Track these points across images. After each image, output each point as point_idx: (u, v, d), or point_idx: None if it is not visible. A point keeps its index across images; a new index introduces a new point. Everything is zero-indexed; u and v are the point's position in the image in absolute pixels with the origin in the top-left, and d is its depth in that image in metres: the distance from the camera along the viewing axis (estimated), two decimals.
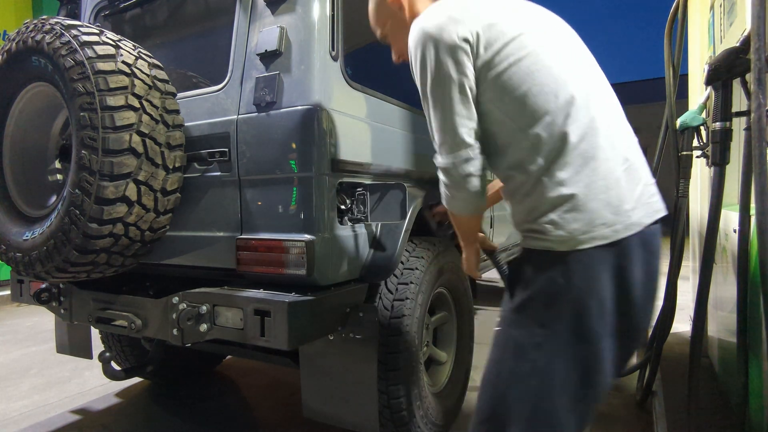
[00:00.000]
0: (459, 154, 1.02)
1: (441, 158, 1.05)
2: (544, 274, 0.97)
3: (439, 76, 1.00)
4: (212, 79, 1.77)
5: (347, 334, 1.67)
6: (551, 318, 0.96)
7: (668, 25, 2.32)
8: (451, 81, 1.00)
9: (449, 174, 1.04)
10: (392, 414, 1.81)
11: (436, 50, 0.99)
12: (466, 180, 1.03)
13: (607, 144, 0.97)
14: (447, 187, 1.07)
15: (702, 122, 1.99)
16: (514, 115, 0.99)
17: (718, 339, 2.22)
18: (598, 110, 0.99)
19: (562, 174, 0.95)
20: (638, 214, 0.96)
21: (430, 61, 1.00)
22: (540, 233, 0.97)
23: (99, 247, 1.53)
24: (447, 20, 1.00)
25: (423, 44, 1.01)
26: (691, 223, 2.95)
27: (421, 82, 1.04)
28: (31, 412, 2.51)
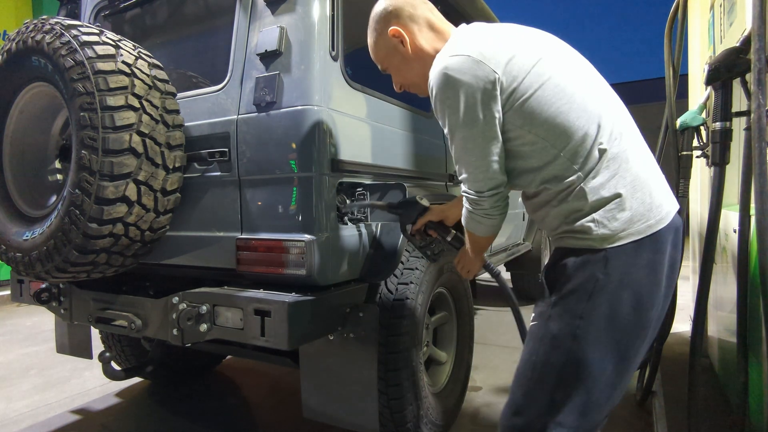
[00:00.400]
0: (491, 190, 1.10)
1: (471, 192, 1.12)
2: (585, 270, 1.04)
3: (469, 118, 1.04)
4: (212, 79, 1.77)
5: (347, 334, 1.67)
6: (589, 310, 1.02)
7: (668, 25, 2.32)
8: (480, 123, 1.04)
9: (479, 205, 1.13)
10: (392, 414, 1.81)
11: (465, 94, 1.03)
12: (496, 210, 1.13)
13: (630, 146, 1.07)
14: (473, 215, 1.16)
15: (702, 122, 1.99)
16: (546, 135, 1.05)
17: (718, 339, 2.22)
18: (616, 116, 1.09)
19: (599, 179, 1.03)
20: (666, 207, 1.08)
21: (458, 103, 1.03)
22: (582, 233, 1.04)
23: (99, 247, 1.53)
24: (471, 63, 1.02)
25: (449, 87, 1.04)
26: (691, 223, 2.95)
27: (449, 123, 1.07)
28: (31, 412, 2.51)
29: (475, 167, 1.08)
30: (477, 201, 1.13)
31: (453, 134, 1.08)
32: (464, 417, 2.32)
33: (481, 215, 1.15)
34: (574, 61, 1.13)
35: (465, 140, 1.07)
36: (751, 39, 1.40)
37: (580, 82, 1.08)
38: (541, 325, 1.09)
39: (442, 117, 1.09)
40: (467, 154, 1.08)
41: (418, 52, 1.23)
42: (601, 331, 1.03)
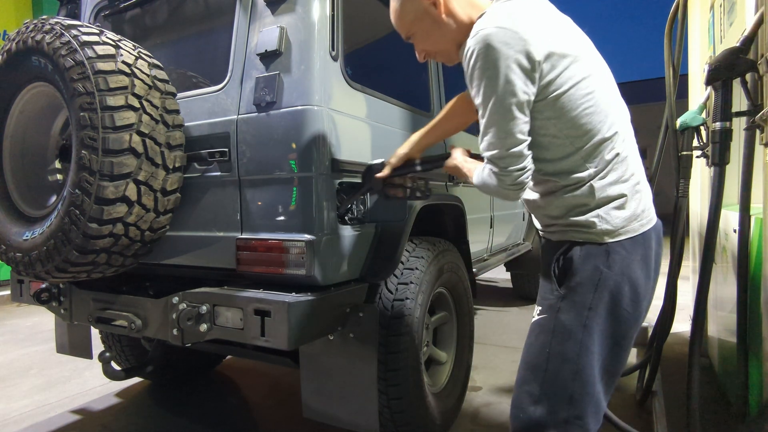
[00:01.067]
0: (516, 165, 1.07)
1: (495, 164, 1.09)
2: (589, 263, 1.09)
3: (506, 90, 1.02)
4: (212, 79, 1.77)
5: (347, 334, 1.67)
6: (597, 300, 1.08)
7: (668, 25, 2.32)
8: (515, 97, 1.03)
9: (500, 178, 1.09)
10: (392, 414, 1.81)
11: (507, 66, 1.01)
12: (516, 186, 1.09)
13: (632, 150, 1.14)
14: (488, 184, 1.14)
15: (702, 122, 1.99)
16: (569, 133, 1.08)
17: (718, 339, 2.22)
18: (626, 121, 1.16)
19: (608, 180, 1.09)
20: (652, 210, 1.17)
21: (498, 73, 1.02)
22: (586, 227, 1.10)
23: (99, 247, 1.53)
24: (518, 40, 1.01)
25: (491, 56, 1.02)
26: (691, 223, 2.95)
27: (484, 91, 1.05)
28: (31, 412, 2.51)
29: (503, 140, 1.06)
30: (499, 175, 1.09)
31: (487, 103, 1.05)
32: (464, 417, 2.32)
33: (499, 186, 1.11)
34: (601, 63, 1.17)
35: (496, 111, 1.04)
36: (752, 38, 1.40)
37: (605, 87, 1.13)
38: (552, 318, 1.12)
39: (477, 85, 1.06)
40: (497, 124, 1.05)
41: (452, 16, 1.18)
42: (606, 321, 1.09)
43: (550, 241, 1.19)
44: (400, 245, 1.81)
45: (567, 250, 1.13)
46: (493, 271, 4.29)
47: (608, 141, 1.09)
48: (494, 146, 1.07)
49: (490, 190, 1.15)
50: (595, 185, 1.09)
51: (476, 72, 1.05)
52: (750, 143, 1.49)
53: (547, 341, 1.11)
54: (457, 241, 2.39)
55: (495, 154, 1.08)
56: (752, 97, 1.48)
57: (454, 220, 2.43)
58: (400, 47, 2.42)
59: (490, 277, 6.12)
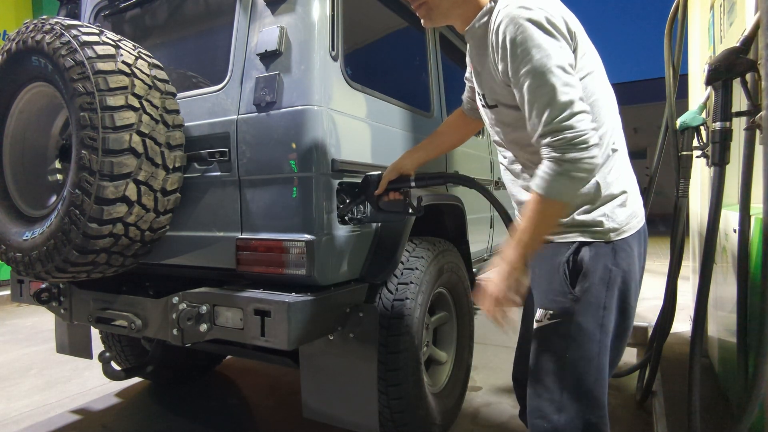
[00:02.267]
0: (583, 122, 0.97)
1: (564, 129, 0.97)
2: (599, 262, 1.11)
3: (552, 54, 0.98)
4: (212, 79, 1.77)
5: (347, 334, 1.67)
6: (609, 299, 1.11)
7: (668, 25, 2.32)
8: (564, 60, 0.99)
9: (574, 146, 0.96)
10: (392, 414, 1.81)
11: (550, 33, 0.99)
12: (593, 151, 0.97)
13: (624, 148, 1.18)
14: (567, 163, 0.97)
15: (702, 122, 1.99)
16: None
17: (718, 339, 2.21)
18: (618, 118, 1.19)
19: (610, 176, 1.12)
20: (643, 208, 1.20)
21: (542, 40, 0.98)
22: (593, 226, 1.11)
23: (99, 247, 1.53)
24: (553, 11, 1.02)
25: (531, 26, 0.99)
26: (691, 223, 2.95)
27: (527, 61, 0.99)
28: (31, 412, 2.51)
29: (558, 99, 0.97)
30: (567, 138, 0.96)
31: (542, 68, 0.98)
32: (464, 417, 2.32)
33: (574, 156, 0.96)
34: (600, 61, 1.18)
35: (545, 75, 0.98)
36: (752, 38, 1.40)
37: (606, 85, 1.16)
38: (568, 322, 1.11)
39: (518, 57, 1.00)
40: (548, 88, 0.98)
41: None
42: (617, 318, 1.12)
43: (554, 243, 1.17)
44: (400, 245, 1.81)
45: (576, 251, 1.13)
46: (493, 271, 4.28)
47: (610, 136, 1.12)
48: (555, 102, 0.97)
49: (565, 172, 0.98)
50: (601, 181, 1.10)
51: (519, 42, 0.99)
52: (750, 143, 1.49)
53: (565, 346, 1.11)
54: (457, 241, 2.39)
55: (556, 113, 0.97)
56: (752, 97, 1.48)
57: (454, 220, 2.43)
58: (400, 47, 2.43)
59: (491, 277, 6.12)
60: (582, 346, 1.10)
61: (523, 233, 1.05)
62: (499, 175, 3.28)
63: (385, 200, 1.58)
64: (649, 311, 3.70)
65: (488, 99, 1.21)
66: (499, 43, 1.04)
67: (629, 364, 2.77)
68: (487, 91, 1.21)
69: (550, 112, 0.98)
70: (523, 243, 1.05)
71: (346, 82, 1.71)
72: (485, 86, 1.21)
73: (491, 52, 1.10)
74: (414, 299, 1.85)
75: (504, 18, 1.02)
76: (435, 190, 2.26)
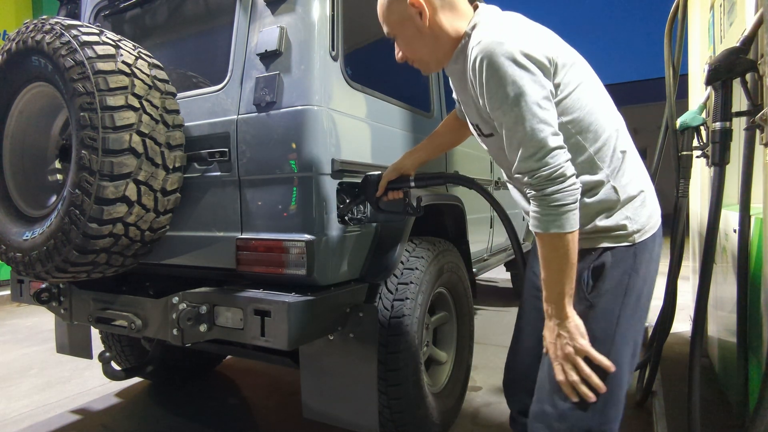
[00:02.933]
0: (557, 157, 0.99)
1: (539, 167, 0.99)
2: (619, 268, 1.10)
3: (526, 91, 0.99)
4: (212, 79, 1.77)
5: (347, 334, 1.67)
6: (624, 306, 1.10)
7: (668, 25, 2.32)
8: (538, 95, 1.00)
9: (552, 181, 0.99)
10: (392, 414, 1.81)
11: (523, 67, 0.99)
12: (570, 180, 1.00)
13: (635, 151, 1.18)
14: (550, 197, 1.00)
15: (702, 122, 1.99)
16: (580, 131, 1.09)
17: (718, 339, 2.21)
18: (621, 119, 1.19)
19: (625, 178, 1.12)
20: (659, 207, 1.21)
21: (516, 76, 0.99)
22: (619, 230, 1.11)
23: (99, 247, 1.53)
24: (525, 41, 1.02)
25: (505, 61, 0.99)
26: (691, 223, 2.95)
27: (502, 99, 1.01)
28: (31, 412, 2.51)
29: (535, 139, 0.99)
30: (550, 176, 0.99)
31: (508, 111, 1.00)
32: (464, 417, 2.32)
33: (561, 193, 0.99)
34: (588, 68, 1.18)
35: (522, 115, 0.99)
36: (752, 38, 1.40)
37: (601, 90, 1.16)
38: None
39: (493, 94, 1.02)
40: (525, 128, 0.99)
41: (436, 29, 1.15)
42: (630, 324, 1.10)
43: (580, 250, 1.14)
44: (400, 245, 1.81)
45: (598, 256, 1.12)
46: (493, 271, 4.30)
47: (615, 140, 1.12)
48: (532, 142, 0.99)
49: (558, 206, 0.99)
50: (617, 185, 1.10)
51: (494, 81, 1.01)
52: (750, 143, 1.49)
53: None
54: (457, 241, 2.39)
55: (534, 150, 0.99)
56: (752, 97, 1.48)
57: (454, 220, 2.43)
58: None
59: (490, 277, 6.12)
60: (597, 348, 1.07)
61: (553, 282, 1.04)
62: (499, 175, 3.28)
63: (385, 200, 1.58)
64: (649, 311, 3.69)
65: (483, 129, 1.21)
66: (476, 79, 1.06)
67: None
68: (479, 122, 1.21)
69: (524, 150, 1.01)
70: (558, 290, 1.04)
71: (346, 82, 1.71)
72: (475, 118, 1.22)
73: (470, 87, 1.12)
74: (414, 299, 1.85)
75: (478, 54, 1.03)
76: (435, 190, 2.26)
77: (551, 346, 1.08)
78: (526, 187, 1.04)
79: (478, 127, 1.24)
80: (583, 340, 1.04)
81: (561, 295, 1.04)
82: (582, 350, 1.04)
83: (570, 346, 1.04)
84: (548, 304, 1.06)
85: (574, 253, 1.02)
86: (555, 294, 1.04)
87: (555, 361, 1.07)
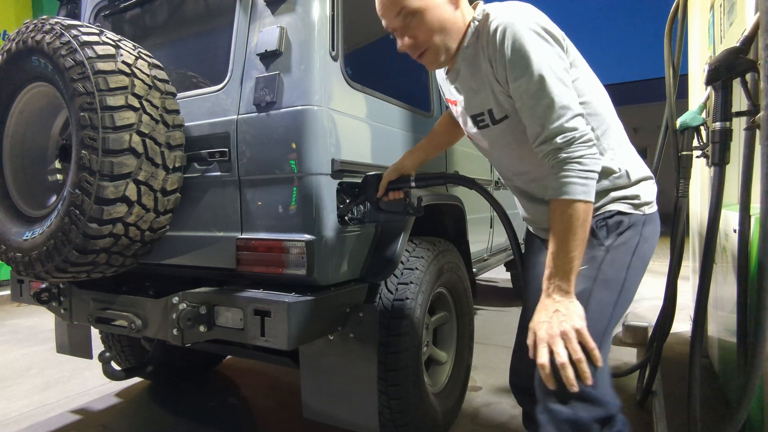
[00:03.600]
0: (584, 124, 1.04)
1: (571, 128, 1.01)
2: (633, 229, 1.16)
3: (550, 59, 1.04)
4: (212, 79, 1.77)
5: (347, 334, 1.67)
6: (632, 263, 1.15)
7: (668, 25, 2.32)
8: (560, 65, 1.06)
9: (583, 144, 1.01)
10: (392, 414, 1.81)
11: (545, 38, 1.05)
12: (595, 148, 1.03)
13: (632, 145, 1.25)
14: (581, 159, 1.01)
15: (702, 122, 1.99)
16: (589, 114, 1.12)
17: (718, 339, 2.21)
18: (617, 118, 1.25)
19: (632, 163, 1.19)
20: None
21: (539, 45, 1.04)
22: (634, 198, 1.17)
23: (99, 247, 1.53)
24: (543, 17, 1.08)
25: (528, 31, 1.04)
26: (691, 223, 2.95)
27: (525, 66, 1.03)
28: (31, 412, 2.51)
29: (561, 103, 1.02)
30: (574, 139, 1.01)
31: (541, 71, 1.02)
32: (464, 417, 2.32)
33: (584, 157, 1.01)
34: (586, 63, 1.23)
35: (547, 83, 1.02)
36: (752, 38, 1.40)
37: (599, 84, 1.21)
38: (594, 269, 1.12)
39: (521, 63, 1.03)
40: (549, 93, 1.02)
41: (459, 14, 1.17)
42: (634, 282, 1.16)
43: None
44: (399, 245, 1.81)
45: (613, 215, 1.16)
46: (493, 271, 4.29)
47: (615, 129, 1.19)
48: (559, 106, 1.02)
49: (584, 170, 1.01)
50: (628, 169, 1.17)
51: (516, 47, 1.04)
52: (750, 143, 1.49)
53: (588, 288, 1.10)
54: (457, 241, 2.39)
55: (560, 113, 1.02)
56: (752, 97, 1.47)
57: (454, 220, 2.43)
58: None
59: (490, 277, 6.12)
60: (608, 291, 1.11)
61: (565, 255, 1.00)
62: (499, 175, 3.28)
63: (385, 200, 1.58)
64: (649, 311, 3.70)
65: (495, 113, 1.19)
66: (497, 50, 1.07)
67: (629, 364, 2.78)
68: (493, 106, 1.18)
69: (553, 115, 1.02)
70: (568, 264, 1.00)
71: (346, 82, 1.71)
72: (489, 103, 1.19)
73: (487, 65, 1.13)
74: (414, 299, 1.85)
75: (499, 24, 1.06)
76: (435, 190, 2.26)
77: (542, 324, 1.00)
78: (550, 156, 1.03)
79: (491, 114, 1.20)
80: (583, 322, 0.99)
81: (569, 270, 1.00)
82: (581, 331, 0.97)
83: (567, 324, 0.97)
84: (552, 280, 1.02)
85: (588, 225, 1.02)
86: (565, 267, 1.00)
87: (542, 340, 0.98)
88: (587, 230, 1.02)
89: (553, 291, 1.02)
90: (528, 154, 1.16)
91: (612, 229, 1.15)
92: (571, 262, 1.00)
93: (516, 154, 1.24)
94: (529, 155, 1.15)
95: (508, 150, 1.25)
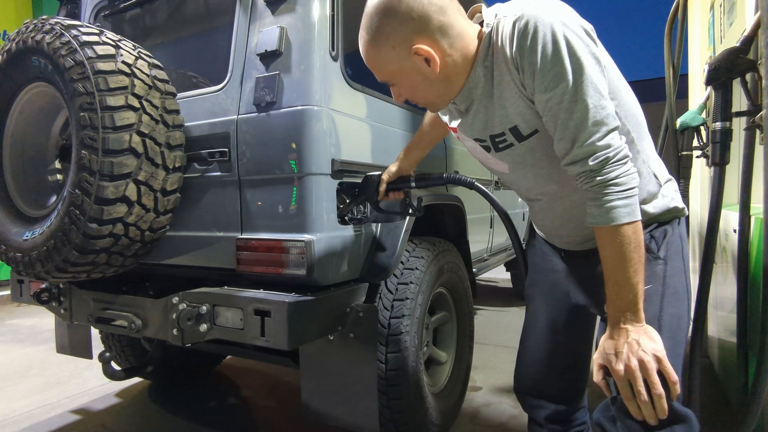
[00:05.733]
0: (618, 138, 0.93)
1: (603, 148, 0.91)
2: (674, 234, 1.13)
3: (585, 63, 0.89)
4: (212, 79, 1.77)
5: (347, 334, 1.67)
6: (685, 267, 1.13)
7: (668, 25, 2.32)
8: (596, 68, 0.91)
9: (617, 163, 0.91)
10: (392, 414, 1.81)
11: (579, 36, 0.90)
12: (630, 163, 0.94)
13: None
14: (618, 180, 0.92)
15: (702, 122, 1.99)
16: (626, 116, 1.04)
17: (718, 339, 2.21)
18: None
19: (658, 164, 1.14)
20: None
21: (574, 47, 0.88)
22: (668, 211, 1.13)
23: (99, 247, 1.53)
24: (570, 10, 0.93)
25: (559, 31, 0.88)
26: (691, 223, 2.95)
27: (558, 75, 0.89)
28: (31, 412, 2.51)
29: (600, 116, 0.90)
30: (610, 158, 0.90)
31: (576, 81, 0.89)
32: (464, 417, 2.32)
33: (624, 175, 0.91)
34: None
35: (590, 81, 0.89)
36: (752, 38, 1.40)
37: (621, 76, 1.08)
38: (659, 284, 1.07)
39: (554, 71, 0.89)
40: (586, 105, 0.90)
41: (449, 70, 1.00)
42: (690, 284, 1.13)
43: None
44: (399, 245, 1.81)
45: (660, 225, 1.13)
46: (493, 271, 4.29)
47: (645, 128, 1.12)
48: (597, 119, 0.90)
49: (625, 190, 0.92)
50: (656, 173, 1.12)
51: (547, 53, 0.88)
52: (750, 143, 1.49)
53: (659, 306, 1.05)
54: (457, 241, 2.39)
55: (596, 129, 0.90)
56: (752, 97, 1.48)
57: (454, 220, 2.43)
58: None
59: (490, 277, 6.12)
60: (676, 304, 1.06)
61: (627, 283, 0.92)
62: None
63: (385, 200, 1.58)
64: None
65: (523, 129, 1.03)
66: (522, 57, 0.92)
67: None
68: (519, 122, 1.02)
69: (585, 132, 0.90)
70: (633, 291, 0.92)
71: (346, 82, 1.71)
72: (513, 119, 1.03)
73: (510, 75, 0.97)
74: (414, 299, 1.85)
75: (527, 24, 0.89)
76: (435, 190, 2.26)
77: (614, 357, 0.92)
78: (583, 179, 0.94)
79: (511, 133, 1.05)
80: (660, 345, 0.92)
81: (636, 299, 0.92)
82: (661, 359, 0.90)
83: (645, 353, 0.90)
84: (621, 311, 0.93)
85: (642, 245, 0.93)
86: (630, 296, 0.92)
87: (620, 374, 0.91)
88: (642, 250, 0.93)
89: (624, 322, 0.94)
90: (558, 171, 1.03)
91: (659, 239, 1.10)
92: (635, 288, 0.92)
93: (545, 173, 1.09)
94: (558, 172, 1.03)
95: (535, 169, 1.09)
